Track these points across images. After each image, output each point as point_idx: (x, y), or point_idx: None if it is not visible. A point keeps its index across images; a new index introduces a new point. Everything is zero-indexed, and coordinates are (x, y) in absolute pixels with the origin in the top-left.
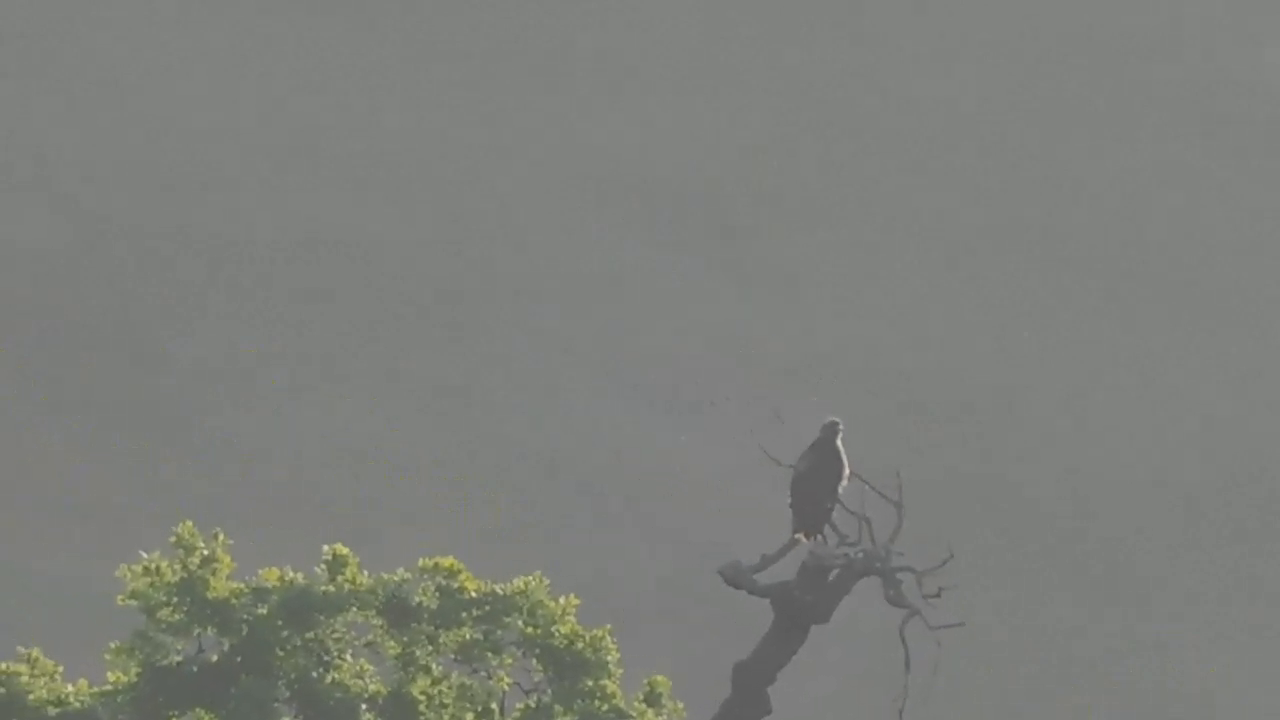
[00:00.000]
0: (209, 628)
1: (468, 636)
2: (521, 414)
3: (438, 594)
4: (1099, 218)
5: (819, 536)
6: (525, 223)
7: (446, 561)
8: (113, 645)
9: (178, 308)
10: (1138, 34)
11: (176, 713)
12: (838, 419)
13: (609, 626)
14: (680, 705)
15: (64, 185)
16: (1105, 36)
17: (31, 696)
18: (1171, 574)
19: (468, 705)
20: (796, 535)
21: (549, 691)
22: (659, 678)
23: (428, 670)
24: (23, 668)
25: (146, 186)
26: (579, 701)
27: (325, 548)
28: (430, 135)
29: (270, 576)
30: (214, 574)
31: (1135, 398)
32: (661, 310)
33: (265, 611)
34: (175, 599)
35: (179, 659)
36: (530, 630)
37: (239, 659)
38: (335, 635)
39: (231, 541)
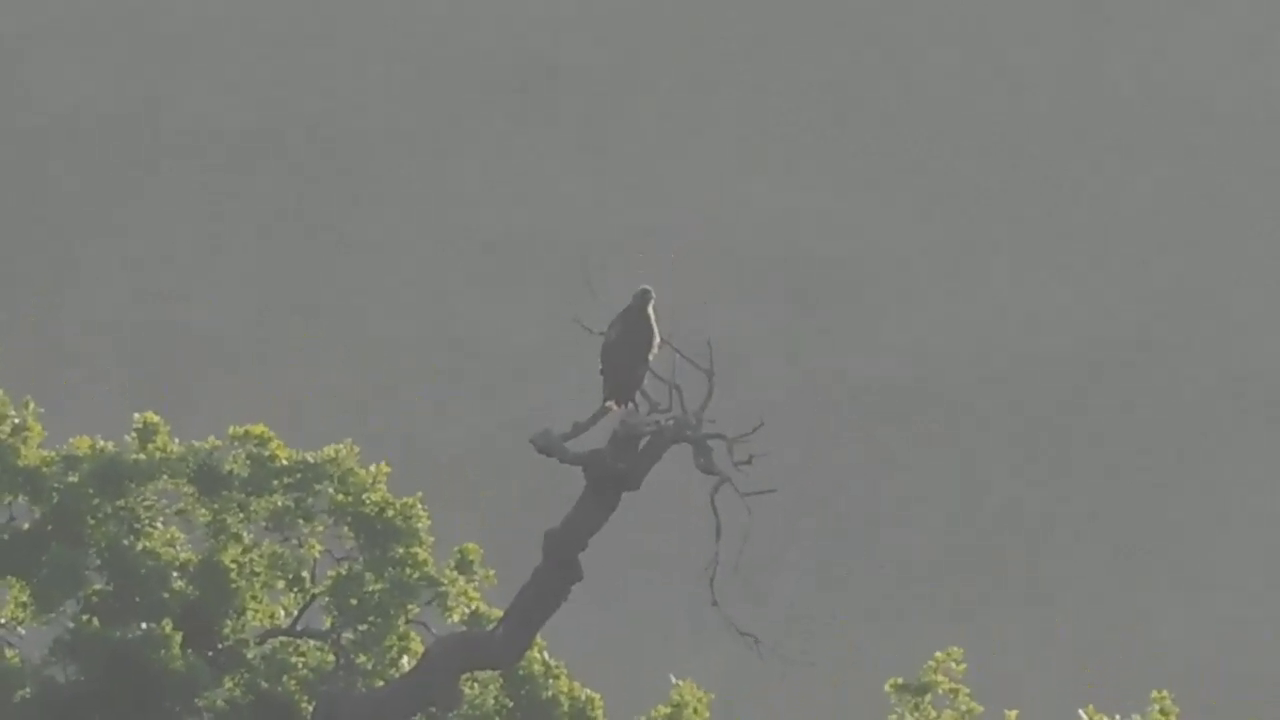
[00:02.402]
0: (20, 496)
1: (279, 504)
2: (342, 285)
3: (248, 461)
4: (937, 90)
5: (630, 404)
6: (376, 95)
7: (257, 429)
8: None
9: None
10: None
11: None
12: (649, 287)
13: (420, 494)
14: (491, 573)
15: None
16: None
17: None
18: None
19: (279, 573)
20: (607, 403)
21: (360, 559)
22: (470, 545)
23: (239, 538)
24: None
25: None
26: (390, 569)
27: (136, 416)
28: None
29: (81, 445)
30: (25, 442)
31: (963, 280)
32: (489, 185)
33: (76, 479)
34: None
35: None
36: (341, 498)
37: (50, 527)
38: (146, 503)
39: (43, 410)
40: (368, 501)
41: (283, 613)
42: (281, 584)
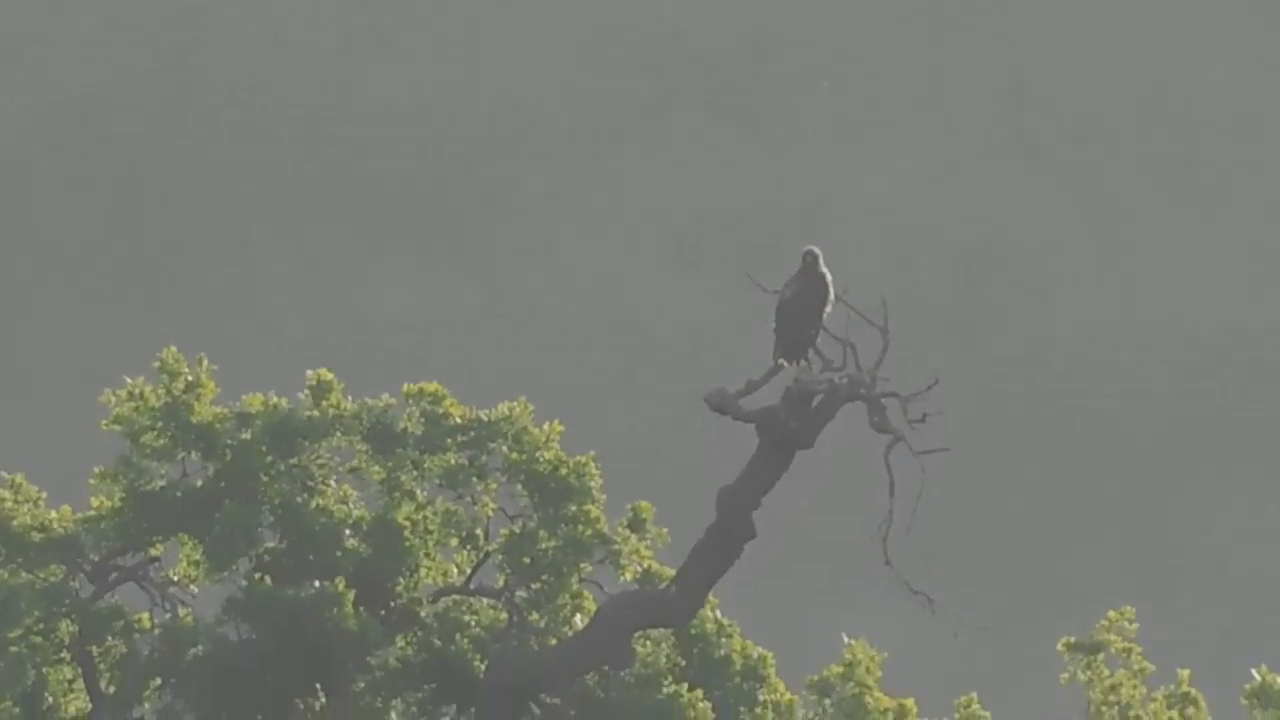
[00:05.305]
0: (193, 453)
1: (452, 462)
2: (523, 263)
3: (422, 420)
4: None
5: (803, 362)
6: (539, 89)
7: (431, 387)
8: (96, 470)
9: (179, 168)
10: None
11: (160, 538)
12: (815, 247)
13: (592, 453)
14: (664, 531)
15: (62, 58)
16: None
17: (15, 522)
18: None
19: (452, 531)
20: (781, 361)
21: (534, 517)
22: (642, 503)
23: (412, 496)
24: (6, 493)
25: (144, 59)
26: (563, 526)
27: (309, 373)
28: None
29: (254, 402)
30: (198, 399)
31: (1141, 264)
32: (663, 166)
33: (249, 437)
34: (159, 424)
35: (163, 484)
36: (515, 456)
37: (223, 484)
38: (319, 461)
39: (215, 367)
40: (541, 460)
41: (456, 571)
42: (455, 542)
